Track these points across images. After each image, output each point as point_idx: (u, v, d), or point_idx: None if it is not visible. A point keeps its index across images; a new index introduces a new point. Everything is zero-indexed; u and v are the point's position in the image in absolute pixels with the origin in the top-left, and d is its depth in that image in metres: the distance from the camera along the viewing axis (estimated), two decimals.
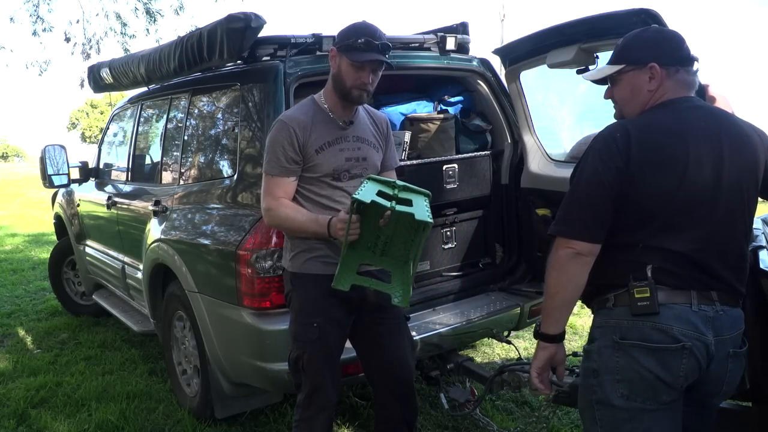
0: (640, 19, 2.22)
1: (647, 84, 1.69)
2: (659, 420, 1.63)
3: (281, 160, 2.21)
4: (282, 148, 2.21)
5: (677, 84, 1.69)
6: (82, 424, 3.28)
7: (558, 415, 3.12)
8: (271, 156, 2.23)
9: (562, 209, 1.68)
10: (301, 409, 2.31)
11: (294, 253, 2.31)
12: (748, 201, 1.66)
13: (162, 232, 3.27)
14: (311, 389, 2.28)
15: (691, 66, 1.70)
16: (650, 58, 1.68)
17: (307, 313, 2.26)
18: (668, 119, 1.65)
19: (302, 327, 2.27)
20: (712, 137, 1.63)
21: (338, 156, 2.27)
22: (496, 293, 3.36)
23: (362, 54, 2.15)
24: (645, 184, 1.59)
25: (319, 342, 2.25)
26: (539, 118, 3.26)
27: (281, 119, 2.26)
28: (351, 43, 2.16)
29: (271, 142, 2.24)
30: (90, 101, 60.66)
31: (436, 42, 3.20)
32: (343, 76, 2.20)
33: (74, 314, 5.21)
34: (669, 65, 1.67)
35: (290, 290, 2.34)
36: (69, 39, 11.49)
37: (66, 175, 4.51)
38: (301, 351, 2.26)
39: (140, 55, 3.59)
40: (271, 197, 2.24)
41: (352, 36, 2.17)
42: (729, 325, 1.64)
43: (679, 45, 1.70)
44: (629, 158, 1.58)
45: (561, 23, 2.66)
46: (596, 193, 1.61)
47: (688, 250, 1.60)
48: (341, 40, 2.20)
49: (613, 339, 1.64)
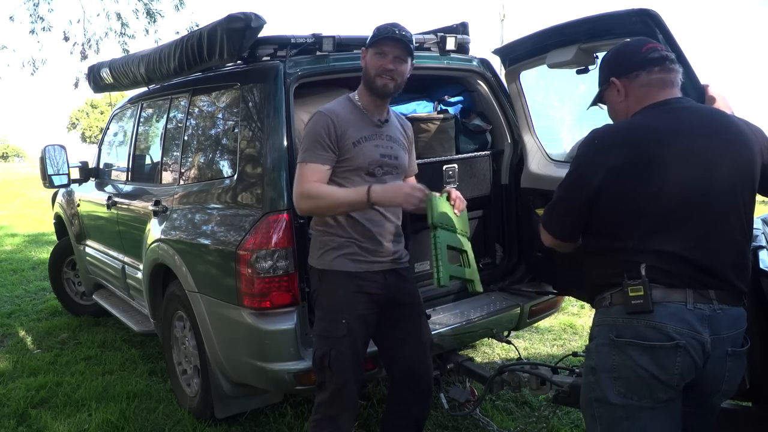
0: (640, 19, 2.22)
1: (617, 97, 1.79)
2: (657, 418, 1.64)
3: (318, 149, 2.23)
4: (320, 136, 2.23)
5: (643, 88, 1.72)
6: (82, 424, 3.29)
7: (558, 415, 3.12)
8: (308, 145, 2.25)
9: (548, 206, 1.85)
10: (324, 408, 2.31)
11: (323, 251, 2.33)
12: (743, 198, 1.66)
13: (162, 232, 3.27)
14: (337, 387, 2.29)
15: (658, 65, 1.71)
16: (609, 74, 1.80)
17: (335, 309, 2.29)
18: (652, 120, 1.67)
19: (330, 324, 2.29)
20: (700, 136, 1.64)
21: (374, 151, 2.33)
22: (496, 293, 3.36)
23: (381, 39, 2.27)
24: (629, 186, 1.62)
25: (346, 339, 2.27)
26: (539, 118, 3.26)
27: (320, 111, 2.29)
28: (373, 35, 2.29)
29: (308, 132, 2.27)
30: (90, 101, 60.66)
31: (436, 42, 3.20)
32: (369, 68, 2.29)
33: (74, 314, 5.22)
34: (626, 73, 1.74)
35: (317, 288, 2.36)
36: (68, 38, 11.50)
37: (66, 175, 4.51)
38: (328, 348, 2.27)
39: (140, 55, 3.59)
40: (305, 181, 2.23)
41: (375, 32, 2.30)
42: (728, 324, 1.64)
43: (634, 51, 1.77)
44: (606, 162, 1.63)
45: (561, 23, 2.66)
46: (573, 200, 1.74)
47: (680, 249, 1.61)
48: (369, 39, 2.31)
49: (609, 337, 1.66)
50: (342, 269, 2.30)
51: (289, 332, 2.58)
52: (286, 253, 2.56)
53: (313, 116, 2.29)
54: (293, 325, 2.58)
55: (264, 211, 2.61)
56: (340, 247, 2.31)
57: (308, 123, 2.31)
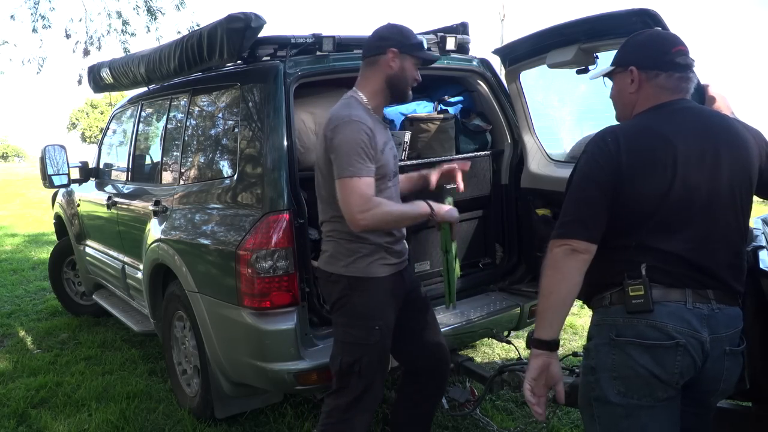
0: (640, 19, 2.22)
1: (629, 86, 1.74)
2: (656, 417, 1.64)
3: (366, 160, 2.13)
4: (363, 146, 2.13)
5: (657, 89, 1.70)
6: (82, 424, 3.29)
7: (558, 415, 3.12)
8: (354, 156, 2.11)
9: (561, 214, 1.70)
10: (340, 412, 2.31)
11: (353, 258, 2.28)
12: (741, 200, 1.67)
13: (162, 232, 3.27)
14: (362, 391, 2.30)
15: (679, 72, 1.68)
16: (631, 61, 1.73)
17: (369, 317, 2.28)
18: (657, 122, 1.67)
19: (364, 331, 2.27)
20: (702, 138, 1.64)
21: (390, 154, 2.33)
22: (496, 293, 3.36)
23: (430, 53, 2.34)
24: (636, 187, 1.61)
25: (379, 345, 2.29)
26: (539, 118, 3.26)
27: (354, 119, 2.15)
28: (416, 44, 2.29)
29: (349, 143, 2.12)
30: (90, 101, 60.64)
31: (436, 42, 3.19)
32: (406, 75, 2.28)
33: (74, 314, 5.22)
34: (648, 69, 1.70)
35: (345, 295, 2.30)
36: (69, 35, 11.50)
37: (66, 175, 4.51)
38: (359, 355, 2.26)
39: (140, 55, 3.59)
40: (365, 199, 2.11)
41: (412, 38, 2.29)
42: (725, 323, 1.64)
43: (664, 50, 1.71)
44: (620, 162, 1.61)
45: (561, 23, 2.66)
46: (591, 193, 1.64)
47: (681, 249, 1.61)
48: (403, 41, 2.26)
49: (609, 336, 1.66)
50: (375, 275, 2.28)
51: (289, 332, 2.58)
52: (286, 253, 2.56)
53: (347, 125, 2.14)
54: (293, 325, 2.58)
55: (264, 211, 2.61)
56: (371, 254, 2.28)
57: (342, 132, 2.14)
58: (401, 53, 2.25)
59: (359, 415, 2.32)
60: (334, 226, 2.30)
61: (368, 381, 2.30)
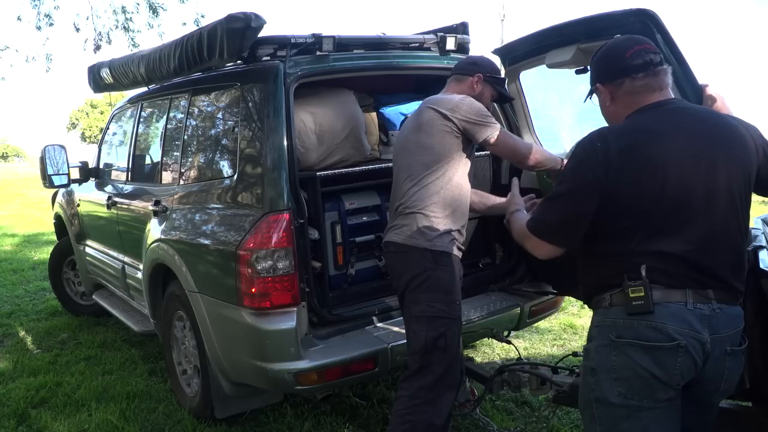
0: (638, 19, 2.22)
1: (606, 102, 1.78)
2: (657, 418, 1.64)
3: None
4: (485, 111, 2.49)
5: (629, 95, 1.71)
6: (82, 424, 3.29)
7: (558, 415, 3.12)
8: (489, 118, 2.47)
9: (540, 207, 1.81)
10: (426, 391, 2.33)
11: (438, 233, 2.39)
12: (740, 199, 1.66)
13: (162, 232, 3.27)
14: (446, 368, 2.35)
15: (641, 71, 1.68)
16: (596, 78, 1.79)
17: (452, 291, 2.39)
18: (648, 123, 1.66)
19: (448, 305, 2.36)
20: (696, 137, 1.63)
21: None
22: (496, 293, 3.36)
23: (507, 91, 2.74)
24: (629, 189, 1.61)
25: (459, 320, 2.41)
26: (539, 118, 3.27)
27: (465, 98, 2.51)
28: (500, 79, 2.65)
29: (478, 108, 2.46)
30: (90, 101, 60.67)
31: (436, 42, 3.20)
32: (482, 100, 2.53)
33: (74, 314, 5.22)
34: (610, 81, 1.73)
35: (428, 269, 2.36)
36: (79, 29, 11.50)
37: (66, 175, 4.51)
38: (444, 329, 2.33)
39: (140, 55, 3.60)
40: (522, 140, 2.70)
41: (497, 72, 2.64)
42: (726, 323, 1.64)
43: (618, 57, 1.72)
44: (610, 165, 1.61)
45: (560, 23, 2.66)
46: (574, 208, 1.68)
47: (680, 250, 1.61)
48: (490, 72, 2.60)
49: (609, 338, 1.66)
50: (454, 252, 2.43)
51: (289, 332, 2.58)
52: (286, 253, 2.56)
53: (462, 99, 2.45)
54: (293, 325, 2.58)
55: (264, 211, 2.62)
56: (449, 233, 2.42)
57: (464, 104, 2.43)
58: (485, 81, 2.57)
59: (447, 393, 2.35)
60: (422, 201, 2.40)
61: (451, 356, 2.35)
